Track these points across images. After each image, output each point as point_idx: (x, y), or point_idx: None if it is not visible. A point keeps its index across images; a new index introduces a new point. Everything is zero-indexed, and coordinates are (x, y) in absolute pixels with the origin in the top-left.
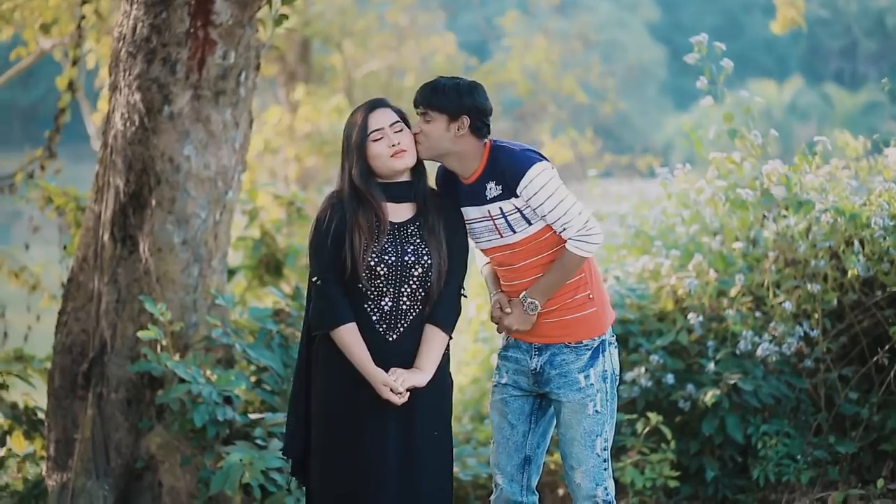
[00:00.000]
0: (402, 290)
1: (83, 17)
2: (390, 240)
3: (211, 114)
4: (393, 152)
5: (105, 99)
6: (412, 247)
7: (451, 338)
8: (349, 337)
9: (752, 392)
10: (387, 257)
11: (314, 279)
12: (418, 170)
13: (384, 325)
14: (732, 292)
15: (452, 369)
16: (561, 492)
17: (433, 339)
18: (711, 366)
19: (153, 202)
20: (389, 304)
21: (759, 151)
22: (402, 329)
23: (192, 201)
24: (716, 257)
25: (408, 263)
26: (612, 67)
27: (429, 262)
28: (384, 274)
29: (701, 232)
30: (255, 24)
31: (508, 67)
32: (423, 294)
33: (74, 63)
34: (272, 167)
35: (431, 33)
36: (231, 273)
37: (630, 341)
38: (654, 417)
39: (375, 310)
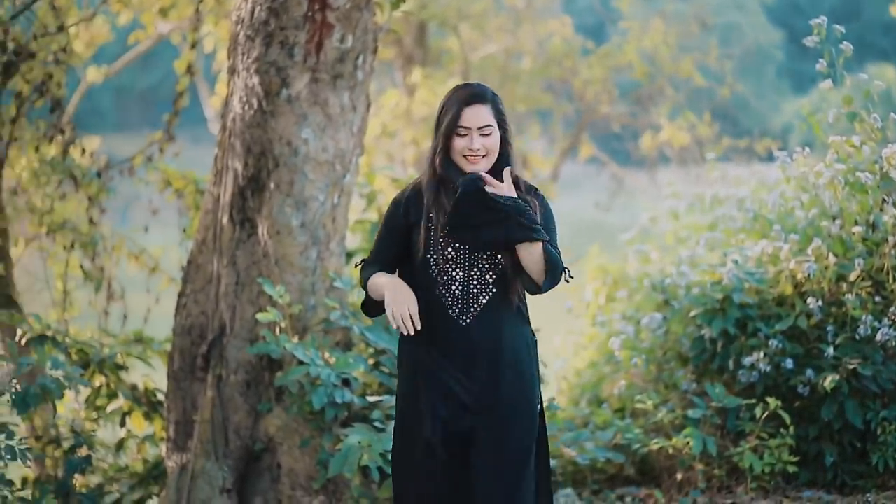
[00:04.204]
0: (472, 273)
1: (201, 1)
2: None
3: (329, 97)
4: (469, 154)
5: (223, 82)
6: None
7: (550, 260)
8: (372, 280)
9: (871, 377)
10: (454, 241)
11: (361, 260)
12: (503, 162)
13: (456, 310)
14: (852, 277)
15: (569, 353)
16: (679, 476)
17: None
18: (831, 350)
19: (272, 185)
20: (460, 287)
21: (879, 135)
22: (474, 313)
23: (310, 184)
24: (835, 241)
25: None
26: (729, 50)
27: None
28: (452, 257)
29: (820, 216)
30: (372, 8)
31: (625, 50)
32: (493, 278)
33: (192, 46)
34: (389, 150)
35: (548, 16)
36: (349, 256)
37: (749, 326)
38: (773, 402)
39: (447, 294)
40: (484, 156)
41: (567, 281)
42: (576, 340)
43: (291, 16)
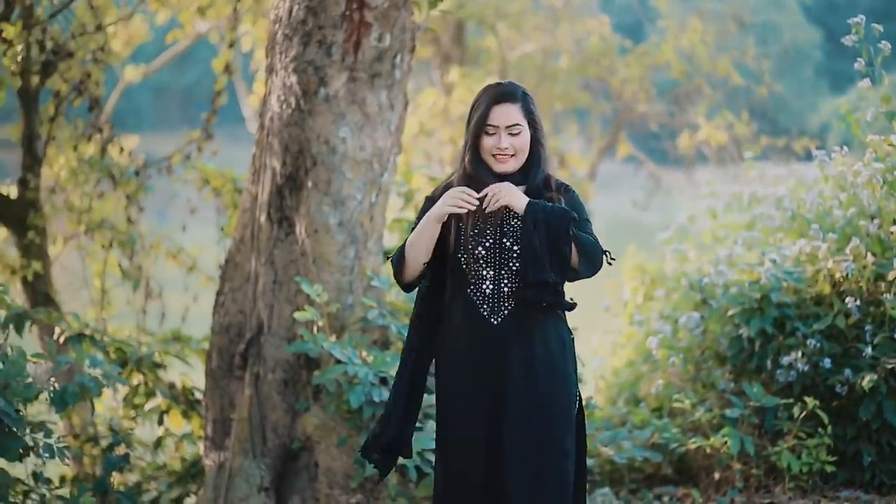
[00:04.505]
0: (502, 272)
1: (239, 0)
2: (492, 223)
3: (366, 96)
4: (497, 153)
5: (261, 81)
6: (512, 229)
7: (583, 250)
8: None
9: None
10: (485, 240)
11: (391, 256)
12: (533, 162)
13: (487, 309)
14: (890, 276)
15: (606, 352)
16: (716, 475)
17: None
18: (869, 350)
19: (309, 184)
20: (490, 287)
21: None
22: (505, 312)
23: (348, 183)
24: (873, 241)
25: (506, 246)
26: (767, 49)
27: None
28: (483, 256)
29: (858, 215)
30: (410, 7)
31: (663, 49)
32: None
33: (230, 45)
34: (427, 149)
35: (586, 15)
36: (386, 255)
37: (787, 325)
38: (810, 402)
39: (478, 293)
40: (512, 155)
41: (609, 263)
42: (613, 339)
43: (329, 15)
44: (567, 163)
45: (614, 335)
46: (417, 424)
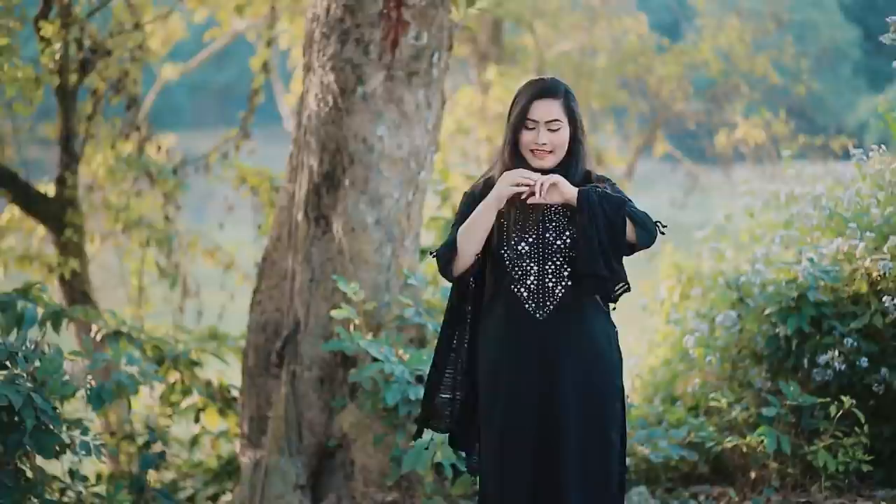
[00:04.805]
0: (547, 267)
1: None
2: (533, 218)
3: (404, 94)
4: (536, 149)
5: (298, 79)
6: (554, 224)
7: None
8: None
9: None
10: (527, 235)
11: (435, 250)
12: (573, 159)
13: (532, 304)
14: None
15: (642, 351)
16: (752, 474)
17: None
18: None
19: (346, 182)
20: (535, 281)
21: None
22: (551, 307)
23: (384, 181)
24: None
25: (549, 241)
26: (805, 47)
27: (569, 240)
28: (526, 252)
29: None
30: (447, 5)
31: (701, 48)
32: (568, 271)
33: (268, 44)
34: (464, 148)
35: (623, 13)
36: (423, 253)
37: (824, 324)
38: (847, 401)
39: (522, 289)
40: (550, 151)
41: (662, 233)
42: (650, 338)
43: (367, 13)
44: (604, 161)
45: (650, 334)
46: None
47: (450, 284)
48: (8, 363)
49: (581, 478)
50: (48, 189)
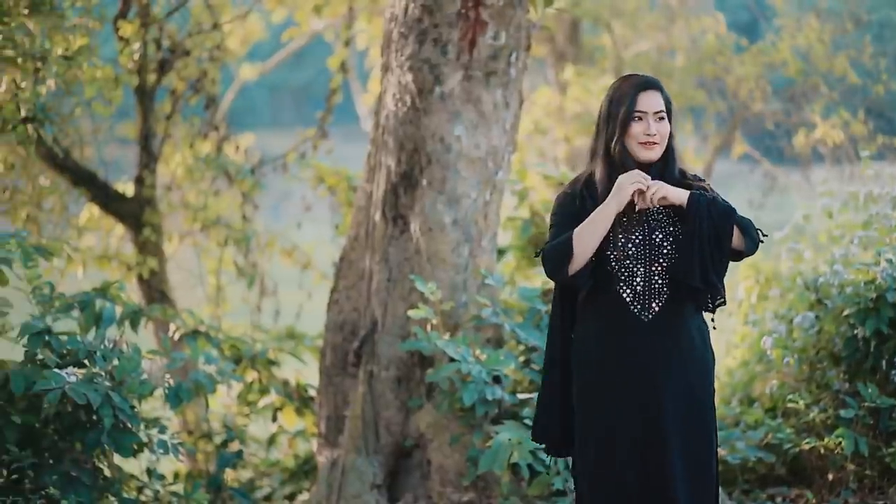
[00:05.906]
0: (653, 268)
1: None
2: (637, 219)
3: (482, 94)
4: (645, 140)
5: (376, 79)
6: (658, 223)
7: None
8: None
9: None
10: (634, 236)
11: (541, 249)
12: (670, 153)
13: (638, 306)
14: None
15: (720, 352)
16: (830, 476)
17: None
18: None
19: (424, 182)
20: (641, 283)
21: None
22: (657, 308)
23: (462, 181)
24: None
25: (656, 242)
26: (884, 47)
27: (676, 243)
28: (633, 253)
29: None
30: (525, 5)
31: (779, 48)
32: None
33: (346, 44)
34: (541, 148)
35: (701, 13)
36: (501, 253)
37: None
38: None
39: (627, 290)
40: (657, 143)
41: (761, 241)
42: (727, 339)
43: (445, 13)
44: (683, 161)
45: (728, 335)
46: (529, 423)
47: (529, 286)
48: (86, 362)
49: (686, 479)
50: (127, 188)
